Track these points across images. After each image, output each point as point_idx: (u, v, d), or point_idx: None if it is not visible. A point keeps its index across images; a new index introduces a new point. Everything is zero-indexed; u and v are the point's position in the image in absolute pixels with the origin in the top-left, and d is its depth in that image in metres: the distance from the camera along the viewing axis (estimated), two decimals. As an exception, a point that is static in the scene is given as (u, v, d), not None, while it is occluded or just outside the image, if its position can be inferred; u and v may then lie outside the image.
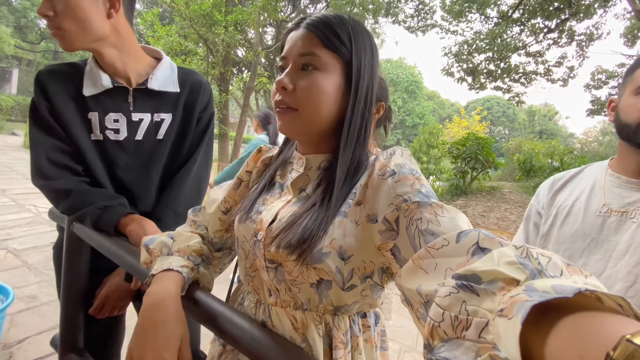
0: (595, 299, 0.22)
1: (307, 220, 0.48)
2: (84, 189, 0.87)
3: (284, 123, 0.52)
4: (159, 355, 0.46)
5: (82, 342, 0.94)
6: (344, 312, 0.54)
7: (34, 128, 0.86)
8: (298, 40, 0.51)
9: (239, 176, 0.67)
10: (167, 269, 0.55)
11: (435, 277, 0.32)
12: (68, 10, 0.76)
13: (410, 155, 0.53)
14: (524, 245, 0.28)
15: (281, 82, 0.50)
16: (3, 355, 1.64)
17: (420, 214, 0.41)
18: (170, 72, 0.96)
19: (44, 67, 0.89)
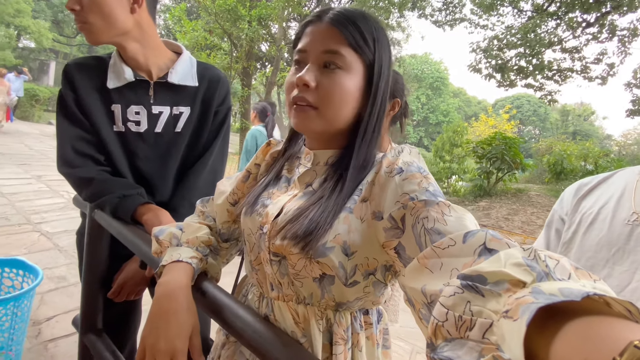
0: (603, 304, 0.21)
1: (313, 213, 0.49)
2: (105, 177, 0.90)
3: (302, 121, 0.51)
4: (171, 343, 0.48)
5: (100, 324, 0.98)
6: (345, 308, 0.54)
7: (61, 118, 0.90)
8: (321, 35, 0.50)
9: (248, 169, 0.67)
10: (177, 260, 0.56)
11: (440, 276, 0.32)
12: (93, 5, 0.79)
13: (418, 153, 0.54)
14: (531, 247, 0.27)
15: (303, 79, 0.49)
16: (32, 331, 1.75)
17: (427, 212, 0.40)
18: (189, 66, 0.98)
19: (71, 60, 0.93)
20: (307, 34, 0.52)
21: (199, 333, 0.52)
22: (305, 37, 0.52)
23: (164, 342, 0.48)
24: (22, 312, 1.35)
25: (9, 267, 1.51)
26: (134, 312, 1.10)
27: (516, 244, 0.31)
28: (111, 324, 1.01)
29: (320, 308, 0.53)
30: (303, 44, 0.52)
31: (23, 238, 2.80)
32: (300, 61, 0.52)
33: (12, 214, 3.27)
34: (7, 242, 2.71)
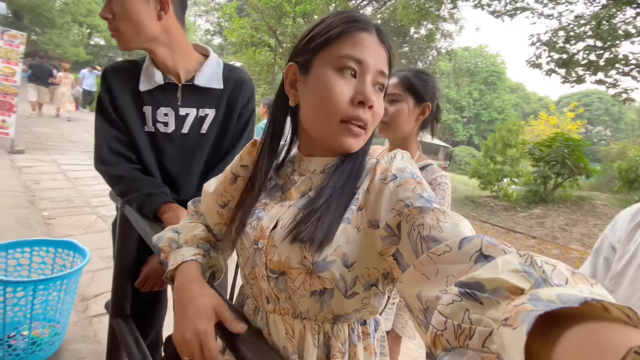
0: (602, 309, 0.21)
1: (321, 218, 0.47)
2: (135, 175, 0.96)
3: (358, 142, 0.51)
4: (193, 327, 0.50)
5: (128, 310, 1.06)
6: (343, 320, 0.53)
7: (99, 119, 0.97)
8: (379, 53, 0.51)
9: (234, 171, 0.64)
10: (182, 262, 0.58)
11: (436, 283, 0.32)
12: (123, 13, 0.83)
13: (410, 158, 0.53)
14: (527, 253, 0.27)
15: (372, 100, 0.49)
16: (81, 306, 1.95)
17: (422, 219, 0.40)
18: (216, 69, 1.00)
19: (109, 64, 1.00)
20: (361, 42, 0.49)
21: (227, 309, 0.53)
22: (360, 46, 0.49)
23: (190, 328, 0.50)
24: (70, 289, 1.51)
25: (62, 247, 1.69)
26: (159, 302, 1.17)
27: (513, 249, 0.30)
28: (138, 311, 1.08)
29: (317, 322, 0.52)
30: (359, 54, 0.49)
31: (82, 219, 3.13)
32: (353, 70, 0.49)
33: (75, 197, 3.66)
34: (68, 222, 3.05)
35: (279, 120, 0.58)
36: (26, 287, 1.33)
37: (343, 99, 0.48)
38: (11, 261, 1.55)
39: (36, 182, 3.90)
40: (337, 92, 0.48)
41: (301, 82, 0.54)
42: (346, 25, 0.50)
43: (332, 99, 0.48)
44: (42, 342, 1.45)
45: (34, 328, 1.44)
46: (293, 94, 0.55)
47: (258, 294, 0.56)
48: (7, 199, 3.23)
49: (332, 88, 0.48)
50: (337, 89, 0.48)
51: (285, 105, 0.57)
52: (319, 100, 0.50)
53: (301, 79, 0.54)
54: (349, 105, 0.49)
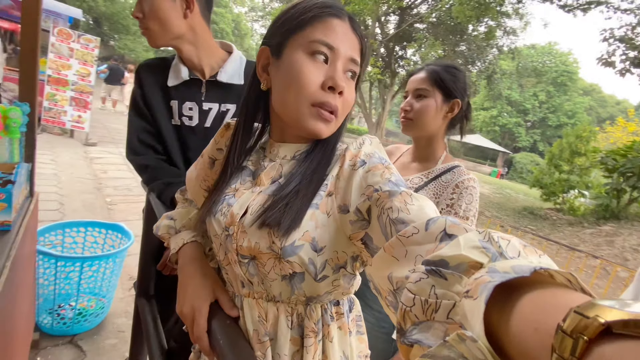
0: (548, 276, 0.24)
1: (290, 204, 0.48)
2: (159, 165, 1.02)
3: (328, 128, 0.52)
4: (191, 304, 0.54)
5: (152, 290, 1.13)
6: (316, 302, 0.54)
7: (131, 112, 1.05)
8: (350, 40, 0.52)
9: (210, 155, 0.65)
10: (183, 245, 0.63)
11: (406, 264, 0.33)
12: (152, 12, 0.89)
13: (379, 143, 0.54)
14: (486, 230, 0.29)
15: (342, 86, 0.51)
16: (128, 284, 2.14)
17: (390, 202, 0.41)
18: (238, 65, 1.03)
19: (143, 61, 1.07)
20: (332, 27, 0.49)
21: (224, 290, 0.58)
22: (331, 31, 0.49)
23: (188, 304, 0.55)
24: (114, 268, 1.66)
25: (112, 230, 1.87)
26: (180, 285, 1.23)
27: (473, 227, 0.32)
28: (162, 292, 1.15)
29: (290, 304, 0.54)
30: (331, 39, 0.49)
31: (138, 207, 3.44)
32: (324, 55, 0.49)
33: (134, 186, 4.05)
34: (127, 208, 3.37)
35: (252, 104, 0.57)
36: (75, 262, 1.49)
37: (313, 83, 0.48)
38: (68, 239, 1.75)
39: (104, 172, 4.38)
40: (307, 75, 0.48)
41: (273, 65, 0.53)
42: (319, 10, 0.49)
43: (302, 83, 0.48)
44: (87, 314, 1.62)
45: (81, 300, 1.60)
46: (265, 78, 0.55)
47: (233, 279, 0.57)
48: (78, 185, 3.68)
49: (303, 71, 0.48)
50: (307, 72, 0.48)
51: (257, 89, 0.56)
52: (289, 83, 0.49)
53: (273, 63, 0.53)
54: (319, 90, 0.49)
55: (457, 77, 0.96)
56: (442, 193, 0.93)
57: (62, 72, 4.88)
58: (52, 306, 1.54)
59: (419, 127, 0.98)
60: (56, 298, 1.52)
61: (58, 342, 1.58)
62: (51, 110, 4.93)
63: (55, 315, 1.55)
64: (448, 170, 0.97)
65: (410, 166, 1.04)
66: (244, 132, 0.58)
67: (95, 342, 1.64)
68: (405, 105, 0.99)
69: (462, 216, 0.90)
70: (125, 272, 2.17)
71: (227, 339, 0.48)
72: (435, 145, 1.01)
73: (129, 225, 1.96)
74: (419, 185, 0.96)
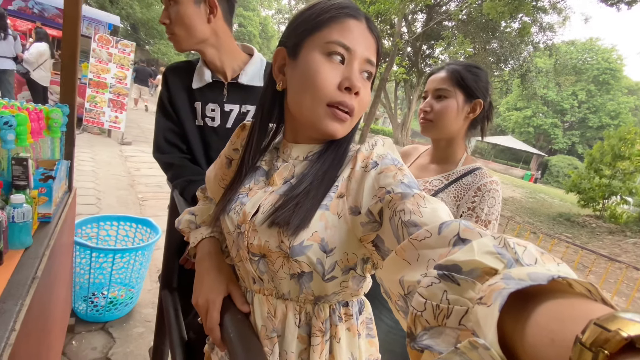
0: (566, 285, 0.23)
1: (299, 204, 0.49)
2: (183, 163, 1.07)
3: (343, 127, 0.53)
4: (206, 297, 0.57)
5: (175, 283, 1.18)
6: (324, 301, 0.54)
7: (158, 113, 1.10)
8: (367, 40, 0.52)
9: (227, 155, 0.67)
10: (202, 239, 0.66)
11: (418, 268, 0.33)
12: (178, 18, 0.93)
13: (392, 144, 0.53)
14: (501, 235, 0.28)
15: (358, 87, 0.51)
16: (156, 276, 2.24)
17: (403, 205, 0.41)
18: (259, 67, 1.06)
19: (170, 65, 1.13)
20: (349, 28, 0.49)
21: (237, 286, 0.60)
22: (348, 32, 0.49)
23: (203, 296, 0.57)
24: (143, 260, 1.75)
25: (142, 224, 1.97)
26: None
27: (488, 232, 0.31)
28: (184, 284, 1.20)
29: (299, 303, 0.55)
30: (347, 40, 0.49)
31: (167, 203, 3.58)
32: (341, 56, 0.49)
33: (163, 183, 4.23)
34: (157, 204, 3.54)
35: (267, 104, 0.58)
36: (107, 254, 1.59)
37: (330, 83, 0.49)
38: (102, 232, 1.87)
39: (137, 169, 4.62)
40: (324, 76, 0.49)
41: (289, 66, 0.54)
42: (336, 11, 0.49)
43: (319, 83, 0.49)
44: (118, 303, 1.72)
45: (112, 290, 1.71)
46: (281, 79, 0.55)
47: (245, 275, 0.59)
48: (113, 181, 3.90)
49: (320, 72, 0.49)
50: (324, 73, 0.49)
51: (273, 89, 0.57)
52: (306, 84, 0.50)
53: (289, 63, 0.54)
54: (335, 90, 0.49)
55: (479, 77, 0.94)
56: (463, 196, 0.90)
57: (102, 76, 5.21)
58: (86, 294, 1.66)
59: (439, 128, 0.96)
60: (90, 286, 1.63)
61: (91, 327, 1.69)
62: (91, 112, 5.27)
63: (89, 303, 1.66)
64: (469, 172, 0.94)
65: (428, 168, 1.02)
66: (259, 132, 0.59)
67: (125, 329, 1.74)
68: (424, 106, 0.96)
69: (483, 220, 0.87)
70: (153, 265, 2.28)
71: (237, 332, 0.50)
72: (456, 147, 0.99)
73: (158, 220, 2.06)
74: (438, 187, 0.94)
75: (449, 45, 11.20)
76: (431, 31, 11.35)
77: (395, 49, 8.68)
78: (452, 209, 0.91)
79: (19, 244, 0.86)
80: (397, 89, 13.52)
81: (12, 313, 0.67)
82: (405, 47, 9.04)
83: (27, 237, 0.88)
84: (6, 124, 0.89)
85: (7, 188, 0.91)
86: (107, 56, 5.20)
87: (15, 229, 0.84)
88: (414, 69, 11.96)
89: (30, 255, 0.86)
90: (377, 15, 6.61)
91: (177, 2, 0.91)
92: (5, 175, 0.94)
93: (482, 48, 11.18)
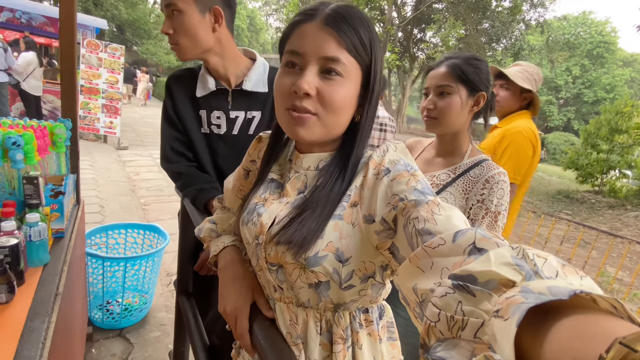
0: (590, 301, 0.22)
1: (305, 219, 0.49)
2: (192, 172, 1.07)
3: (305, 129, 0.50)
4: (233, 304, 0.58)
5: (191, 288, 1.20)
6: (344, 309, 0.55)
7: (164, 122, 1.11)
8: (318, 38, 0.48)
9: (245, 167, 0.69)
10: (224, 247, 0.67)
11: (431, 276, 0.32)
12: (182, 28, 0.92)
13: (404, 148, 0.52)
14: (520, 246, 0.27)
15: (304, 89, 0.47)
16: (166, 280, 2.27)
17: (417, 212, 0.41)
18: (262, 73, 1.06)
19: (172, 74, 1.12)
20: (301, 34, 0.49)
21: (261, 293, 0.61)
22: (299, 38, 0.49)
23: (230, 304, 0.58)
24: (153, 266, 1.77)
25: (149, 230, 1.98)
26: (217, 284, 1.30)
27: (505, 242, 0.30)
28: (200, 290, 1.22)
29: (319, 310, 0.55)
30: (297, 46, 0.49)
31: (170, 206, 3.61)
32: (295, 64, 0.50)
33: (165, 186, 4.24)
34: (159, 208, 3.55)
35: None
36: (119, 262, 1.60)
37: (283, 90, 0.50)
38: (111, 240, 1.89)
39: (136, 174, 4.61)
40: (279, 85, 0.51)
41: None
42: (293, 20, 0.51)
43: (277, 92, 0.52)
44: (132, 309, 1.74)
45: (126, 297, 1.73)
46: None
47: (265, 284, 0.61)
48: (114, 188, 3.90)
49: (278, 82, 0.51)
50: (280, 82, 0.51)
51: None
52: (274, 95, 0.53)
53: None
54: (288, 95, 0.50)
55: (480, 69, 0.93)
56: (471, 188, 0.91)
57: (94, 82, 5.15)
58: (101, 302, 1.68)
59: (445, 125, 0.95)
60: (104, 295, 1.65)
61: (109, 335, 1.72)
62: (86, 118, 5.22)
63: (104, 311, 1.68)
64: (476, 164, 0.95)
65: (434, 161, 1.03)
66: (274, 144, 0.61)
67: (141, 334, 1.77)
68: (427, 104, 0.96)
69: (493, 211, 0.88)
70: (162, 269, 2.31)
71: (267, 338, 0.52)
72: (461, 139, 0.99)
73: (163, 224, 2.08)
74: (446, 181, 0.95)
75: (440, 28, 11.09)
76: (421, 15, 11.22)
77: (387, 35, 8.57)
78: (461, 202, 0.92)
79: (38, 262, 0.88)
80: (390, 76, 13.42)
81: (40, 331, 0.69)
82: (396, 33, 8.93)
83: (44, 254, 0.89)
84: (14, 144, 0.89)
85: (20, 207, 0.92)
86: (97, 61, 5.13)
87: (33, 247, 0.86)
88: (406, 55, 11.86)
89: (50, 272, 0.88)
90: (367, 3, 6.53)
91: (182, 12, 0.90)
92: (17, 195, 0.95)
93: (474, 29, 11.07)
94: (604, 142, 8.97)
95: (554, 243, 4.57)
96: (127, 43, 19.01)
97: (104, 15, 15.83)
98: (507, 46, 12.31)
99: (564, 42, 24.53)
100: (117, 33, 19.60)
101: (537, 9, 12.40)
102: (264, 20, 28.83)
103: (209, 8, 0.92)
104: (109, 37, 17.85)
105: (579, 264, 4.12)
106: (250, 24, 27.21)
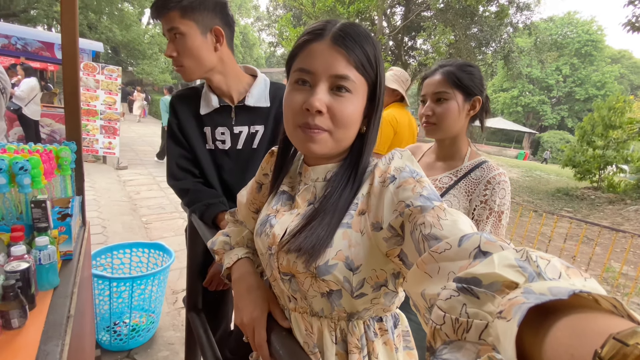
0: (592, 301, 0.22)
1: (314, 228, 0.50)
2: (198, 188, 1.09)
3: (318, 145, 0.51)
4: (250, 315, 0.58)
5: (200, 305, 1.20)
6: (357, 318, 0.55)
7: (169, 140, 1.12)
8: (328, 57, 0.50)
9: (258, 180, 0.70)
10: (237, 260, 0.68)
11: (438, 280, 0.33)
12: (186, 51, 0.94)
13: (410, 155, 0.53)
14: (523, 249, 0.28)
15: (315, 106, 0.49)
16: (172, 298, 2.25)
17: (423, 218, 0.41)
18: (263, 88, 1.09)
19: (175, 93, 1.15)
20: (310, 53, 0.51)
21: (276, 303, 0.62)
22: (309, 57, 0.51)
23: (247, 315, 0.58)
24: (159, 285, 1.76)
25: (154, 249, 1.98)
26: (226, 298, 1.30)
27: (510, 245, 0.31)
28: (209, 306, 1.22)
29: (333, 320, 0.56)
30: (307, 64, 0.51)
31: (172, 224, 3.60)
32: (305, 81, 0.51)
33: (166, 204, 4.24)
34: (161, 226, 3.54)
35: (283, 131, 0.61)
36: (126, 282, 1.60)
37: (295, 108, 0.52)
38: (116, 260, 1.88)
39: (137, 193, 4.61)
40: (290, 102, 0.52)
41: None
42: (301, 39, 0.53)
43: (287, 110, 0.53)
44: (140, 329, 1.72)
45: (133, 317, 1.72)
46: None
47: (280, 294, 0.61)
48: (115, 208, 3.90)
49: (288, 99, 0.53)
50: (290, 99, 0.52)
51: None
52: (284, 112, 0.55)
53: None
54: (300, 112, 0.51)
55: (473, 74, 0.97)
56: (474, 190, 0.93)
57: (91, 104, 5.20)
58: (108, 324, 1.66)
59: (444, 130, 0.98)
60: (111, 316, 1.64)
61: (117, 357, 1.69)
62: (85, 140, 5.25)
63: (112, 332, 1.67)
64: (476, 166, 0.97)
65: (435, 166, 1.05)
66: (282, 158, 0.62)
67: (150, 355, 1.75)
68: (426, 111, 0.99)
69: (496, 211, 0.90)
70: (168, 287, 2.29)
71: (285, 348, 0.52)
72: (460, 143, 1.02)
73: (166, 242, 2.08)
74: (448, 184, 0.97)
75: (430, 35, 11.29)
76: (411, 23, 11.44)
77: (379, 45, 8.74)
78: (464, 203, 0.94)
79: (48, 285, 0.88)
80: (384, 84, 13.58)
81: (55, 354, 0.68)
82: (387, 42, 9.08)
83: (54, 277, 0.89)
84: (22, 169, 0.90)
85: (28, 231, 0.93)
86: (94, 83, 5.19)
87: (43, 270, 0.86)
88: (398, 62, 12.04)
89: (60, 295, 0.88)
90: (358, 14, 6.67)
91: (184, 34, 0.92)
92: (25, 219, 0.95)
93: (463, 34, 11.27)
94: (599, 139, 9.06)
95: (557, 241, 4.56)
96: (122, 64, 19.26)
97: (99, 37, 16.07)
98: (497, 49, 12.50)
99: (552, 43, 24.94)
100: (112, 55, 19.87)
101: (523, 12, 12.65)
102: (257, 35, 29.31)
103: (210, 28, 0.95)
104: (104, 59, 18.09)
105: (584, 261, 4.11)
106: (244, 39, 27.60)
